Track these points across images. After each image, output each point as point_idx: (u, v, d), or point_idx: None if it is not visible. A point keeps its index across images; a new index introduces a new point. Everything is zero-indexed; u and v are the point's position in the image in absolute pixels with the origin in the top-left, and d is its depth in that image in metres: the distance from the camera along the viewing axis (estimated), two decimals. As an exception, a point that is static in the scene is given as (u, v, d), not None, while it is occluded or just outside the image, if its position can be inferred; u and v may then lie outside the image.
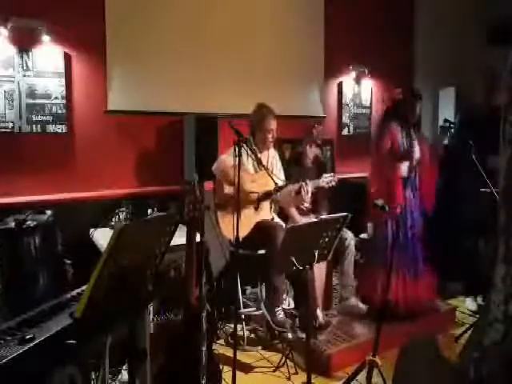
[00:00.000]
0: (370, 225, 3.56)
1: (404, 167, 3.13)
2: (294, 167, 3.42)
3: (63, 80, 3.22)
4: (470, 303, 3.69)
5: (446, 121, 3.88)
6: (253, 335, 3.21)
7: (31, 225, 2.51)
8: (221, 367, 2.44)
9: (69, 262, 2.86)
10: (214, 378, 2.15)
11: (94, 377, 2.06)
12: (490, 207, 2.51)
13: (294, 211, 3.30)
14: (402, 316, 3.03)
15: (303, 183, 3.02)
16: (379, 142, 3.15)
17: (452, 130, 3.93)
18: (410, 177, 3.15)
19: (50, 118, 3.19)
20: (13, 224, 2.47)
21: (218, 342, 3.10)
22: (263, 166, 2.78)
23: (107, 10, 3.36)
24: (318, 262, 2.16)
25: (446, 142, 4.58)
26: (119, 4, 3.41)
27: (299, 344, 2.86)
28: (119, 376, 2.50)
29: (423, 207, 3.22)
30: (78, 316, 1.39)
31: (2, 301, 2.35)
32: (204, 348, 2.00)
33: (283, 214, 3.33)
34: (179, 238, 1.99)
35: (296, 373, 2.75)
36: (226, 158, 2.93)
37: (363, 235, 3.83)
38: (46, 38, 3.08)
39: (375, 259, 3.17)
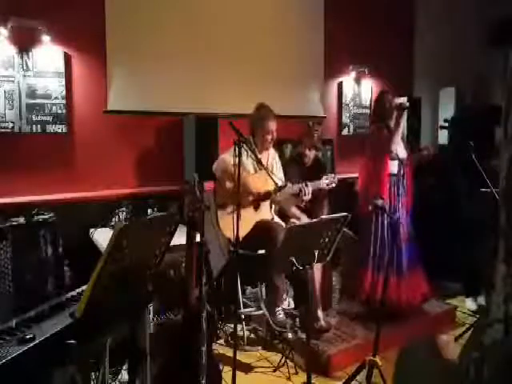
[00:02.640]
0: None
1: (393, 164, 3.14)
2: (294, 167, 3.42)
3: (63, 80, 3.22)
4: (470, 303, 3.69)
5: (446, 121, 3.89)
6: (253, 335, 3.21)
7: (39, 219, 2.52)
8: (221, 367, 2.44)
9: (67, 262, 2.86)
10: (214, 378, 2.15)
11: (94, 377, 2.06)
12: (490, 207, 2.52)
13: (295, 210, 3.30)
14: (392, 316, 2.91)
15: (303, 184, 3.02)
16: (367, 142, 3.27)
17: (449, 129, 3.94)
18: (398, 175, 3.15)
19: (49, 118, 3.19)
20: (22, 219, 2.48)
21: (218, 342, 3.10)
22: (263, 165, 2.78)
23: (107, 10, 3.36)
24: (318, 262, 2.16)
25: (445, 142, 4.59)
26: (119, 4, 3.41)
27: (299, 344, 2.86)
28: (119, 376, 2.50)
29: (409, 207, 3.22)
30: (79, 315, 1.39)
31: (13, 298, 2.35)
32: (204, 348, 2.00)
33: (283, 214, 3.33)
34: (179, 237, 1.99)
35: (296, 373, 2.75)
36: (227, 157, 2.93)
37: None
38: (46, 38, 3.09)
39: (362, 259, 3.16)
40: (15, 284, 2.38)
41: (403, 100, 3.30)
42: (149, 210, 3.35)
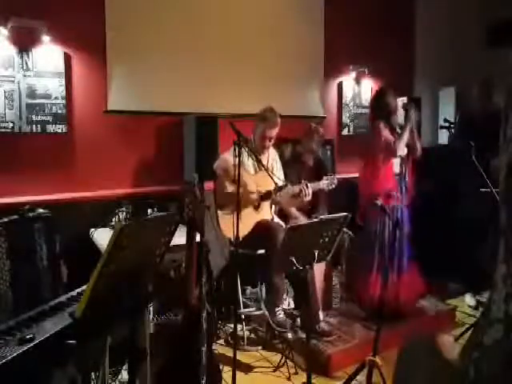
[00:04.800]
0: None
1: (396, 163, 3.13)
2: (294, 168, 3.42)
3: (63, 80, 3.22)
4: (469, 298, 3.70)
5: (445, 121, 3.88)
6: (253, 335, 3.21)
7: (32, 215, 2.51)
8: (221, 367, 2.44)
9: (63, 261, 2.85)
10: (213, 378, 2.15)
11: (94, 377, 2.06)
12: (490, 207, 2.52)
13: (294, 210, 3.30)
14: (389, 316, 2.83)
15: (303, 185, 3.02)
16: (370, 140, 3.22)
17: (452, 130, 3.93)
18: (400, 173, 3.14)
19: (49, 118, 3.19)
20: (16, 216, 2.47)
21: (218, 342, 3.10)
22: (263, 166, 2.78)
23: (107, 10, 3.36)
24: (318, 262, 2.16)
25: (445, 142, 4.58)
26: (119, 4, 3.41)
27: (299, 344, 2.86)
28: (119, 376, 2.50)
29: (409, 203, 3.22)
30: (78, 315, 1.39)
31: (9, 298, 2.34)
32: (204, 348, 2.00)
33: (283, 214, 3.33)
34: (179, 237, 1.99)
35: (296, 373, 2.75)
36: (228, 157, 2.93)
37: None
38: (46, 38, 3.08)
39: (365, 258, 3.17)
40: (14, 281, 2.37)
41: (405, 100, 3.30)
42: (149, 210, 3.35)
